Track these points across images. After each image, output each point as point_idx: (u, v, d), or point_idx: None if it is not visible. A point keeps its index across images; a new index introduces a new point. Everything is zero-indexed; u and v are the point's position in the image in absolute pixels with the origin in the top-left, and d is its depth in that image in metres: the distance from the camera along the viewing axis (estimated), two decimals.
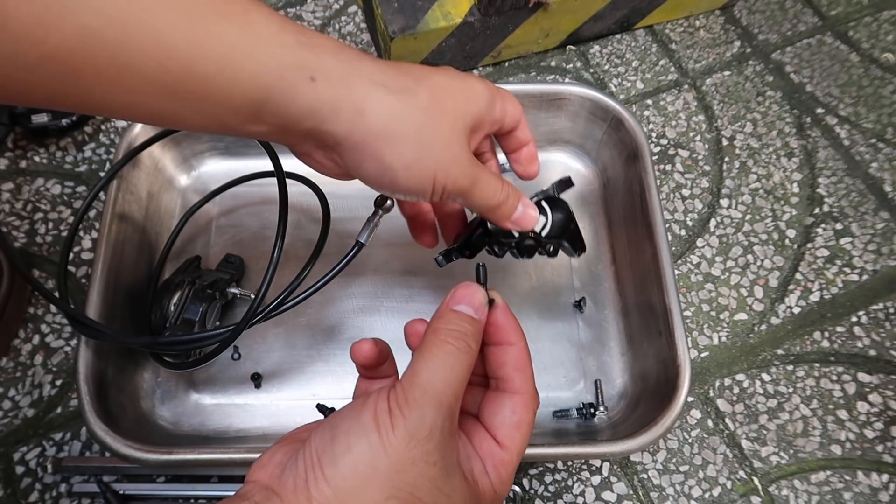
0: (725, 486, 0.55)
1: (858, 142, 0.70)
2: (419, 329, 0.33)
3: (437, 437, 0.27)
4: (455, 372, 0.29)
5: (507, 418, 0.31)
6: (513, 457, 0.31)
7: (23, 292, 0.58)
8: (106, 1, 0.26)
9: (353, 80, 0.31)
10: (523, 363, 0.33)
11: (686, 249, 0.64)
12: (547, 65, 0.73)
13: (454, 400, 0.28)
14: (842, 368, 0.60)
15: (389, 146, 0.32)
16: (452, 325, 0.30)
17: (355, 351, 0.33)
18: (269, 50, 0.29)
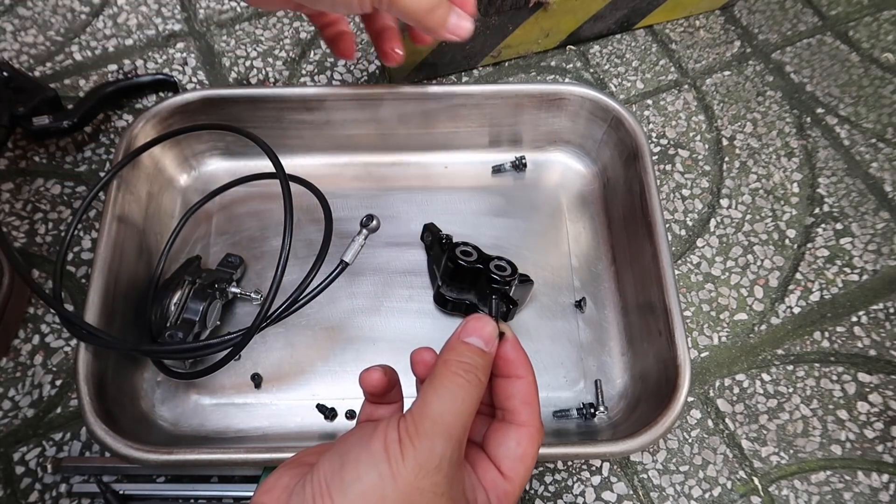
0: (725, 487, 0.55)
1: (858, 142, 0.70)
2: (425, 357, 0.33)
3: (446, 469, 0.27)
4: (465, 405, 0.29)
5: (511, 450, 0.31)
6: (515, 488, 0.31)
7: (23, 292, 0.58)
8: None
9: None
10: (531, 397, 0.33)
11: (686, 249, 0.64)
12: (547, 65, 0.73)
13: (462, 432, 0.29)
14: (842, 368, 0.60)
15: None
16: (463, 357, 0.30)
17: (364, 379, 0.33)
18: None
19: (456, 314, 0.57)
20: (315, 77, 0.71)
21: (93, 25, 0.72)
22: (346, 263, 0.46)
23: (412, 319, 0.57)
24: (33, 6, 0.73)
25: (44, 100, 0.63)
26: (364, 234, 0.47)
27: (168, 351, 0.48)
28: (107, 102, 0.66)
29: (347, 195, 0.62)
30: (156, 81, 0.68)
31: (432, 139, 0.63)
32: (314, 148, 0.63)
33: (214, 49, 0.72)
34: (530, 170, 0.64)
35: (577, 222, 0.62)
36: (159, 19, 0.73)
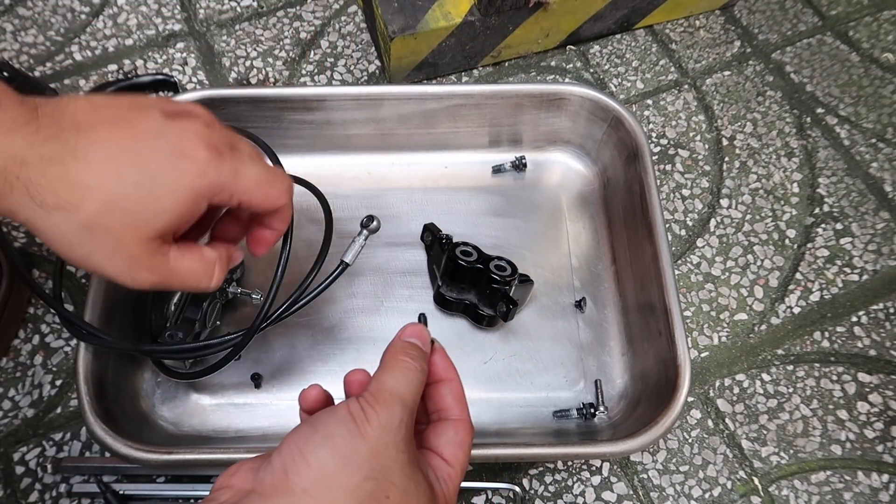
0: (725, 487, 0.55)
1: (858, 142, 0.70)
2: (359, 377, 0.36)
3: (405, 431, 0.31)
4: (413, 382, 0.33)
5: (450, 438, 0.35)
6: (457, 471, 0.34)
7: (23, 292, 0.58)
8: None
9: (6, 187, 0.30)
10: (460, 395, 0.37)
11: (686, 249, 0.64)
12: (547, 65, 0.73)
13: (413, 404, 0.33)
14: (842, 368, 0.60)
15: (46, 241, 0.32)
16: (407, 348, 0.35)
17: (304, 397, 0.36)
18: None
19: (456, 314, 0.57)
20: (315, 77, 0.71)
21: (93, 25, 0.72)
22: (346, 264, 0.46)
23: (412, 319, 0.57)
24: (33, 6, 0.73)
25: None
26: (364, 234, 0.47)
27: (167, 351, 0.48)
28: None
29: (347, 195, 0.62)
30: (156, 81, 0.68)
31: (432, 139, 0.63)
32: (314, 148, 0.63)
33: (214, 49, 0.72)
34: (530, 170, 0.64)
35: (577, 222, 0.62)
36: (159, 19, 0.73)
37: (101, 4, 0.73)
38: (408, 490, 0.31)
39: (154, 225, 0.33)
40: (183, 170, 0.33)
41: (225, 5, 0.74)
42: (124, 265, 0.33)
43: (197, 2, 0.74)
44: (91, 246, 0.32)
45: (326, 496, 0.29)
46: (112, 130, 0.32)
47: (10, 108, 0.30)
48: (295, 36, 0.73)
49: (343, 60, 0.72)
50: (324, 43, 0.73)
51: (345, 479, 0.29)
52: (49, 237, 0.32)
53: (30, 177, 0.30)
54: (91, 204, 0.31)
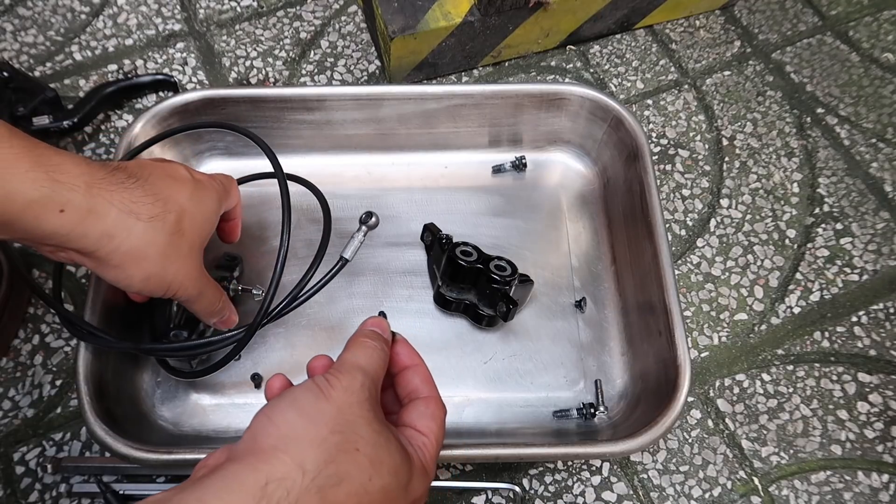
0: (725, 487, 0.55)
1: (859, 142, 0.70)
2: (322, 362, 0.39)
3: (368, 395, 0.34)
4: (373, 358, 0.37)
5: (422, 412, 0.38)
6: (432, 442, 0.37)
7: (23, 292, 0.58)
8: None
9: (103, 210, 0.37)
10: (428, 377, 0.40)
11: (686, 249, 0.64)
12: (547, 65, 0.73)
13: (374, 373, 0.36)
14: (842, 368, 0.60)
15: (134, 262, 0.39)
16: (368, 334, 0.38)
17: (269, 387, 0.38)
18: (17, 184, 0.34)
19: (456, 314, 0.57)
20: (315, 77, 0.71)
21: (93, 25, 0.72)
22: (345, 260, 0.46)
23: (412, 319, 0.57)
24: (33, 6, 0.73)
25: (44, 100, 0.63)
26: (363, 230, 0.47)
27: (167, 349, 0.48)
28: (107, 102, 0.66)
29: (347, 195, 0.62)
30: (156, 81, 0.68)
31: (432, 139, 0.63)
32: (314, 148, 0.63)
33: (214, 49, 0.72)
34: (530, 170, 0.64)
35: (577, 222, 0.62)
36: (159, 19, 0.73)
37: (101, 4, 0.73)
38: (377, 444, 0.33)
39: (206, 229, 0.43)
40: (207, 188, 0.44)
41: (225, 5, 0.74)
42: (192, 268, 0.42)
43: (197, 2, 0.74)
44: (174, 253, 0.40)
45: (296, 449, 0.31)
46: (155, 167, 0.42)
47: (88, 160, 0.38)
48: (295, 36, 0.73)
49: (343, 60, 0.72)
50: (324, 43, 0.73)
51: (312, 434, 0.32)
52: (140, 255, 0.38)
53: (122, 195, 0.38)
54: (172, 213, 0.40)
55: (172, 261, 0.40)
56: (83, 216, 0.36)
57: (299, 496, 0.30)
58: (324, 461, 0.31)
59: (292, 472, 0.30)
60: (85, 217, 0.36)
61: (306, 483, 0.30)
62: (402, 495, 0.34)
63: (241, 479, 0.30)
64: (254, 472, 0.30)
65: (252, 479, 0.30)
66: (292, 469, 0.31)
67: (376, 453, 0.33)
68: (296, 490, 0.30)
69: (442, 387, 0.54)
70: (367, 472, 0.32)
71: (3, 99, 0.62)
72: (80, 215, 0.36)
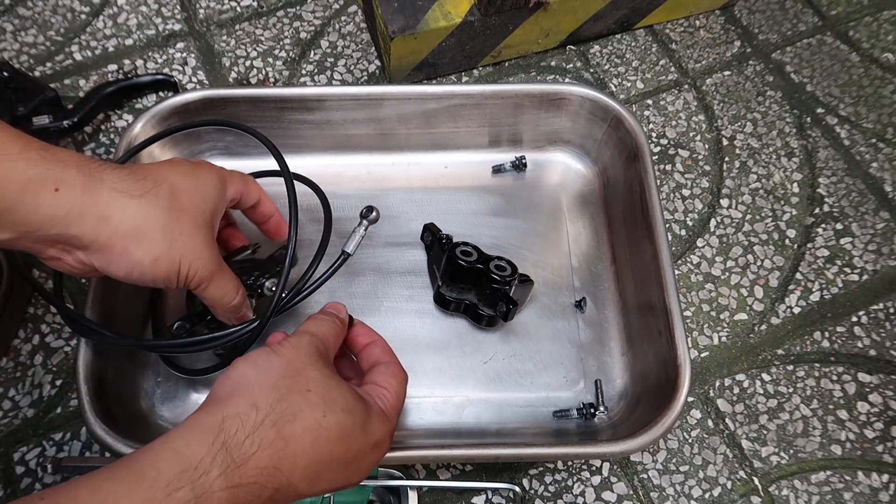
0: (725, 487, 0.55)
1: (859, 142, 0.70)
2: (279, 336, 0.41)
3: (315, 350, 0.38)
4: (323, 325, 0.41)
5: (381, 370, 0.41)
6: (391, 393, 0.40)
7: (23, 292, 0.58)
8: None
9: (96, 189, 0.36)
10: (388, 349, 0.44)
11: (686, 249, 0.64)
12: (547, 65, 0.73)
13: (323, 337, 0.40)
14: (842, 368, 0.60)
15: (137, 244, 0.37)
16: (322, 311, 0.43)
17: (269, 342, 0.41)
18: (12, 164, 0.33)
19: (456, 314, 0.57)
20: (315, 77, 0.71)
21: (93, 25, 0.72)
22: (347, 254, 0.47)
23: (412, 319, 0.57)
24: (33, 6, 0.73)
25: (44, 100, 0.63)
26: (364, 224, 0.48)
27: (171, 346, 0.47)
28: (107, 102, 0.66)
29: (347, 195, 0.62)
30: (156, 81, 0.68)
31: (432, 139, 0.63)
32: (314, 148, 0.63)
33: (214, 49, 0.72)
34: (530, 170, 0.64)
35: (577, 222, 0.62)
36: (159, 19, 0.73)
37: (101, 4, 0.73)
38: (328, 385, 0.36)
39: (209, 206, 0.42)
40: (207, 167, 0.44)
41: (225, 5, 0.74)
42: (201, 244, 0.40)
43: (197, 2, 0.74)
44: (177, 229, 0.39)
45: (249, 392, 0.34)
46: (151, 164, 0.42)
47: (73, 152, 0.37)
48: (295, 36, 0.73)
49: (343, 60, 0.72)
50: (324, 43, 0.73)
51: (264, 380, 0.35)
52: (141, 234, 0.37)
53: (112, 175, 0.37)
54: (164, 189, 0.39)
55: (176, 237, 0.39)
56: (78, 195, 0.35)
57: (254, 429, 0.33)
58: (276, 400, 0.34)
59: (246, 409, 0.33)
60: (80, 196, 0.35)
61: (260, 418, 0.33)
62: (360, 434, 0.36)
63: (199, 420, 0.33)
64: (210, 413, 0.33)
65: (209, 419, 0.33)
66: (246, 407, 0.34)
67: (328, 393, 0.36)
68: (250, 424, 0.33)
69: (442, 387, 0.55)
70: (320, 408, 0.35)
71: (4, 99, 0.62)
72: (74, 193, 0.35)
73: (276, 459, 0.33)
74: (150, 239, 0.38)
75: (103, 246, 0.37)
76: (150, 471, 0.30)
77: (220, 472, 0.31)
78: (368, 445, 0.37)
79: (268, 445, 0.33)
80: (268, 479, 0.33)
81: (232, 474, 0.31)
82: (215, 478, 0.31)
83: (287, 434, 0.34)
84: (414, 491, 0.51)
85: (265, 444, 0.33)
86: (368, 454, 0.38)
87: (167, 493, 0.30)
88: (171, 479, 0.30)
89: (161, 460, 0.31)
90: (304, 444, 0.34)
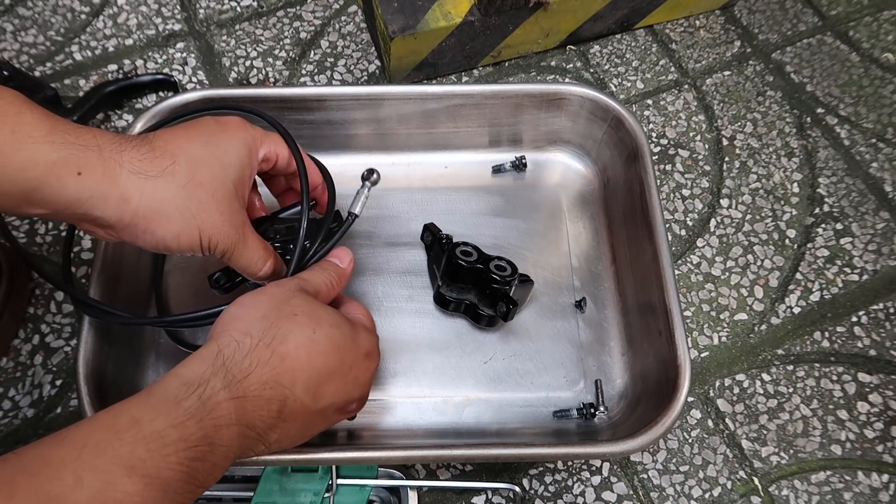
0: (725, 487, 0.55)
1: (859, 142, 0.70)
2: None
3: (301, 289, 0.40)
4: (316, 273, 0.43)
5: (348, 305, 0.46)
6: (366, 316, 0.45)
7: (23, 292, 0.58)
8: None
9: (115, 171, 0.37)
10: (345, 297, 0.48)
11: (686, 249, 0.64)
12: (547, 65, 0.73)
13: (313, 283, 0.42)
14: (842, 368, 0.60)
15: (157, 222, 0.38)
16: (327, 260, 0.45)
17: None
18: (38, 147, 0.34)
19: (456, 314, 0.57)
20: (315, 77, 0.71)
21: (93, 25, 0.72)
22: (355, 215, 0.47)
23: (412, 319, 0.57)
24: (33, 6, 0.73)
25: (44, 99, 0.63)
26: (367, 186, 0.48)
27: (186, 320, 0.46)
28: (107, 102, 0.66)
29: (348, 195, 0.61)
30: (156, 81, 0.68)
31: (432, 139, 0.63)
32: (314, 148, 0.62)
33: (214, 49, 0.72)
34: (530, 170, 0.64)
35: (577, 222, 0.62)
36: (159, 19, 0.73)
37: (101, 4, 0.73)
38: (313, 307, 0.39)
39: (231, 176, 0.41)
40: (232, 131, 0.42)
41: (225, 5, 0.74)
42: (221, 217, 0.40)
43: (197, 2, 0.74)
44: (195, 205, 0.39)
45: (241, 325, 0.37)
46: (166, 128, 0.43)
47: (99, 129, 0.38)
48: (295, 36, 0.73)
49: (343, 60, 0.72)
50: (324, 43, 0.73)
51: (252, 314, 0.38)
52: (160, 214, 0.38)
53: (131, 154, 0.38)
54: (181, 165, 0.39)
55: (195, 213, 0.39)
56: (99, 178, 0.36)
57: (250, 350, 0.36)
58: (268, 326, 0.37)
59: (241, 337, 0.36)
60: (101, 179, 0.36)
61: (255, 342, 0.36)
62: (350, 345, 0.40)
63: (197, 354, 0.36)
64: (206, 348, 0.36)
65: (206, 351, 0.36)
66: (241, 335, 0.37)
67: (314, 312, 0.39)
68: (246, 347, 0.36)
69: (442, 387, 0.55)
70: (309, 326, 0.38)
71: None
72: (96, 177, 0.36)
73: (276, 374, 0.36)
74: (168, 217, 0.38)
75: (127, 225, 0.38)
76: (156, 389, 0.34)
77: (223, 385, 0.34)
78: (360, 355, 0.41)
79: (265, 363, 0.36)
80: (272, 393, 0.36)
81: (235, 387, 0.34)
82: (219, 389, 0.34)
83: (282, 352, 0.37)
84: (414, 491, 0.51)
85: (262, 361, 0.36)
86: (362, 363, 0.41)
87: (176, 402, 0.33)
88: (177, 392, 0.33)
89: (165, 382, 0.34)
90: (301, 359, 0.37)
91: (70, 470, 0.29)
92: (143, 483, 0.30)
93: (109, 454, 0.30)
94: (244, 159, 0.42)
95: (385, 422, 0.53)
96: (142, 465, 0.30)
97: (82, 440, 0.30)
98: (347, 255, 0.46)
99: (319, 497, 0.48)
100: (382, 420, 0.53)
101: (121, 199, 0.37)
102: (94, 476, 0.29)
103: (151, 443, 0.31)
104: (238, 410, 0.34)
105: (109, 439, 0.30)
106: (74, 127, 0.36)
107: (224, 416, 0.34)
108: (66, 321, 0.58)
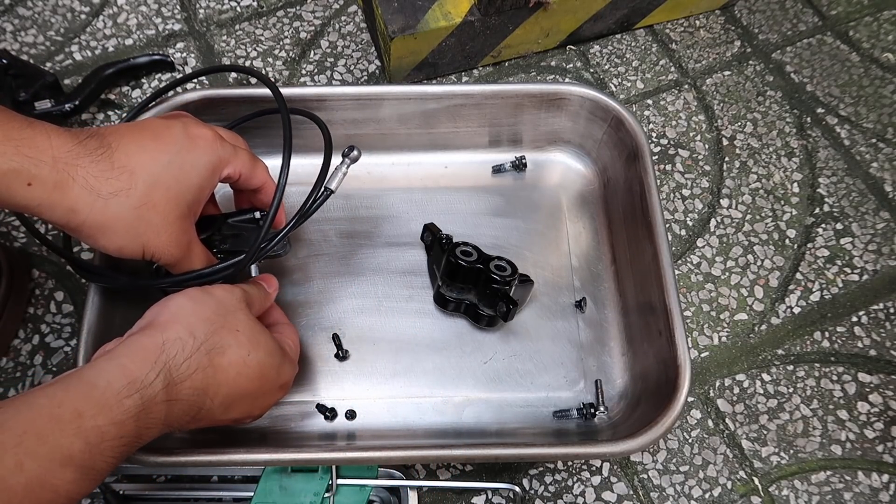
0: (726, 487, 0.55)
1: (859, 142, 0.70)
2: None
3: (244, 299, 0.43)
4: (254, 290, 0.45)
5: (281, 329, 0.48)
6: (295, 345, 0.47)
7: (23, 292, 0.58)
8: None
9: (67, 185, 0.37)
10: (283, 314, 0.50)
11: (686, 249, 0.64)
12: (547, 65, 0.73)
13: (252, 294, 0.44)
14: (842, 368, 0.60)
15: (102, 234, 0.39)
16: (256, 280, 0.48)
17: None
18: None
19: (456, 314, 0.57)
20: (315, 77, 0.71)
21: (93, 25, 0.72)
22: (330, 191, 0.46)
23: (412, 319, 0.57)
24: (33, 6, 0.73)
25: (44, 84, 0.63)
26: (347, 163, 0.48)
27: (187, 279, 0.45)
28: (106, 84, 0.67)
29: (347, 195, 0.62)
30: (153, 62, 0.68)
31: (432, 139, 0.63)
32: (314, 148, 0.62)
33: (214, 49, 0.72)
34: (530, 170, 0.64)
35: (577, 222, 0.62)
36: (159, 19, 0.73)
37: (101, 4, 0.73)
38: (254, 329, 0.41)
39: (187, 198, 0.42)
40: (200, 149, 0.42)
41: (225, 5, 0.74)
42: (168, 239, 0.41)
43: (197, 2, 0.74)
44: (143, 226, 0.40)
45: (186, 321, 0.38)
46: (134, 132, 0.41)
47: (60, 131, 0.38)
48: (295, 36, 0.73)
49: (343, 60, 0.72)
50: (324, 43, 0.73)
51: (199, 312, 0.39)
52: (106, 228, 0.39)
53: (87, 170, 0.38)
54: (139, 185, 0.39)
55: (141, 233, 0.40)
56: (49, 191, 0.37)
57: (191, 354, 0.37)
58: (210, 332, 0.39)
59: (185, 335, 0.38)
60: (51, 191, 0.37)
61: (197, 345, 0.38)
62: (273, 376, 0.43)
63: (141, 342, 0.37)
64: (150, 336, 0.37)
65: (151, 341, 0.37)
66: (185, 333, 0.38)
67: (254, 335, 0.41)
68: (188, 349, 0.37)
69: (442, 387, 0.55)
70: (245, 347, 0.40)
71: (4, 85, 0.62)
72: (46, 189, 0.36)
73: (206, 385, 0.38)
74: (115, 232, 0.39)
75: (74, 230, 0.39)
76: (100, 381, 0.34)
77: (163, 387, 0.36)
78: (276, 386, 0.44)
79: (202, 370, 0.38)
80: (196, 400, 0.38)
81: (171, 390, 0.36)
82: (159, 390, 0.35)
83: (217, 364, 0.39)
84: (414, 491, 0.51)
85: (200, 368, 0.38)
86: (275, 393, 0.44)
87: (118, 399, 0.34)
88: (121, 389, 0.34)
89: (109, 373, 0.35)
90: (228, 377, 0.39)
91: (11, 455, 0.30)
92: (80, 473, 0.32)
93: (51, 444, 0.31)
94: (206, 181, 0.43)
95: (385, 422, 0.53)
96: (80, 457, 0.32)
97: (23, 426, 0.31)
98: (274, 283, 0.49)
99: (319, 497, 0.48)
100: (382, 420, 0.53)
101: (69, 210, 0.38)
102: (35, 463, 0.31)
103: (91, 437, 0.32)
104: (168, 412, 0.36)
105: (52, 429, 0.31)
106: (30, 135, 0.36)
107: (156, 418, 0.36)
108: (66, 321, 0.58)
